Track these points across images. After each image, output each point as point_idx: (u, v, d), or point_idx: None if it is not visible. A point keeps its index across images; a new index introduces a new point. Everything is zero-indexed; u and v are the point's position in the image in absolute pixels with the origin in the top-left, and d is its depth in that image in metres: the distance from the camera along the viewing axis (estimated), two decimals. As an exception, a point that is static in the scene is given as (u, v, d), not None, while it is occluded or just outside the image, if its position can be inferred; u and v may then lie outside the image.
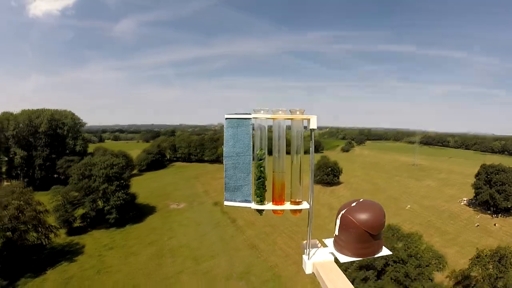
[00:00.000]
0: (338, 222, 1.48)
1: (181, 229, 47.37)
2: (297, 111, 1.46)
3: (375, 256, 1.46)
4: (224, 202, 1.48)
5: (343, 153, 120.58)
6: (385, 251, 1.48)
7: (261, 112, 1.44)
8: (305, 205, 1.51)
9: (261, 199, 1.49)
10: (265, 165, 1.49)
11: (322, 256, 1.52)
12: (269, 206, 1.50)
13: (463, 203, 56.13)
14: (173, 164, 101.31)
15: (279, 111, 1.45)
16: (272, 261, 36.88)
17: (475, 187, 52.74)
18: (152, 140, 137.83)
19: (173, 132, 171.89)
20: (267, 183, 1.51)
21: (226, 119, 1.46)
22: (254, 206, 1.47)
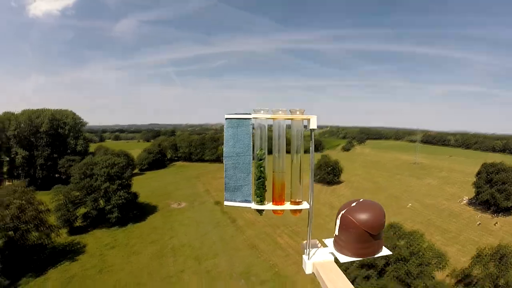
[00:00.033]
0: (338, 222, 1.48)
1: (182, 228, 47.41)
2: (297, 111, 1.46)
3: (375, 256, 1.46)
4: (224, 202, 1.49)
5: (344, 152, 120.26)
6: (385, 251, 1.48)
7: (261, 112, 1.44)
8: (305, 205, 1.51)
9: (261, 199, 1.49)
10: (265, 165, 1.49)
11: (322, 256, 1.52)
12: (269, 206, 1.50)
13: (463, 202, 56.03)
14: (174, 163, 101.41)
15: (279, 111, 1.45)
16: (272, 261, 36.86)
17: (476, 186, 52.66)
18: (152, 139, 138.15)
19: (173, 131, 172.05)
20: (267, 183, 1.51)
21: (226, 119, 1.46)
22: (254, 206, 1.47)
